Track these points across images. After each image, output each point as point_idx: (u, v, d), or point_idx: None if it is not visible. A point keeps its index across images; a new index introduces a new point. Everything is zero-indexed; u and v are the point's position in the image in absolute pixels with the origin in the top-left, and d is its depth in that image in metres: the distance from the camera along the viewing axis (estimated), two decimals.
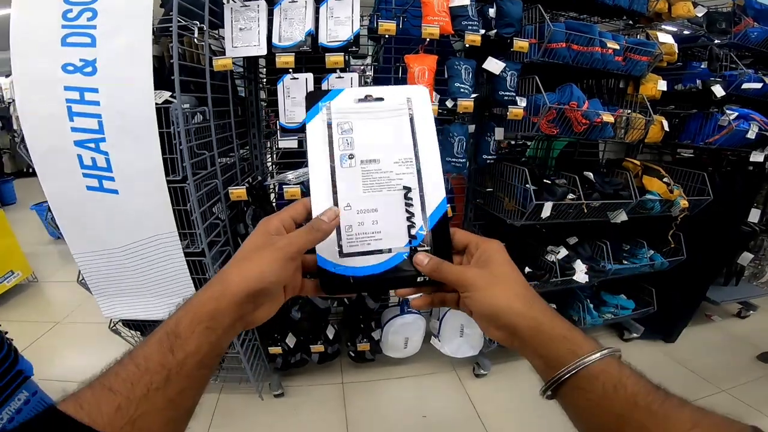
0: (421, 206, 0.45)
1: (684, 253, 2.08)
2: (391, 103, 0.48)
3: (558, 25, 1.57)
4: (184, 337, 0.37)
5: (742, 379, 2.19)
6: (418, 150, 0.47)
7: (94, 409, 0.32)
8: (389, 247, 0.44)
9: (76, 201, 1.41)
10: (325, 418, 1.96)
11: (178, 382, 0.36)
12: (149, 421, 0.34)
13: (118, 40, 1.27)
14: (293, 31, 1.56)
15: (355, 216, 0.45)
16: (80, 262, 1.52)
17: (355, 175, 0.45)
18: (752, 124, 1.87)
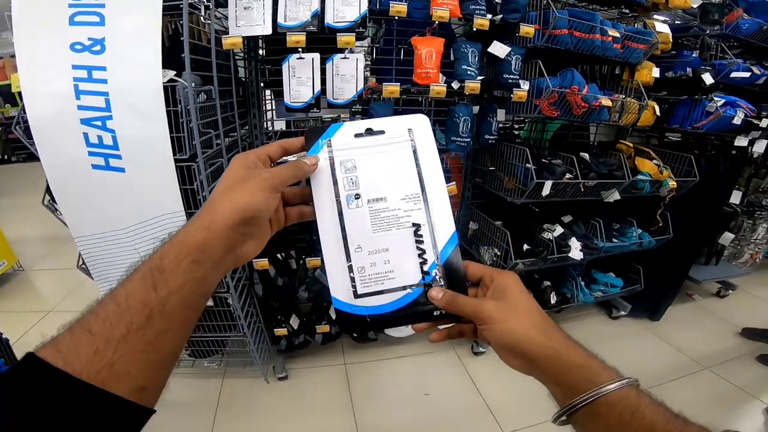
0: (432, 241, 0.45)
1: (670, 232, 2.19)
2: (392, 136, 0.47)
3: (561, 12, 1.61)
4: (168, 272, 0.35)
5: (723, 357, 2.32)
6: (424, 183, 0.46)
7: (72, 353, 0.31)
8: (402, 285, 0.44)
9: (80, 180, 1.39)
10: (330, 399, 2.00)
11: (161, 322, 0.34)
12: (128, 365, 0.32)
13: (128, 19, 1.26)
14: (299, 10, 1.54)
15: (366, 257, 0.44)
16: (82, 247, 1.50)
17: (363, 215, 0.45)
18: (738, 110, 1.98)
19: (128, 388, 0.32)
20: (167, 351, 0.35)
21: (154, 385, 0.35)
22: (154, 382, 0.35)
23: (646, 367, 2.24)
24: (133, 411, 0.33)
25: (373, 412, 1.92)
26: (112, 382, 0.31)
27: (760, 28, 1.96)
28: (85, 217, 1.46)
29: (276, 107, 2.06)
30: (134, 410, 0.33)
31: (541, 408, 1.84)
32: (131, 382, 0.32)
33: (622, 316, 2.60)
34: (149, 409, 0.34)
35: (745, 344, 2.45)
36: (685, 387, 2.13)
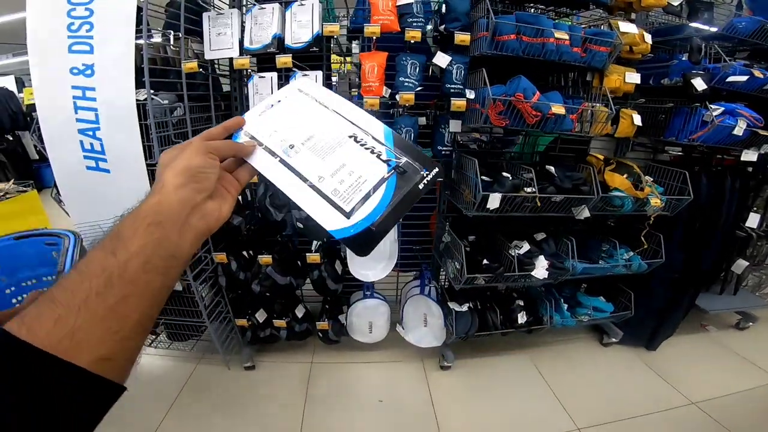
0: (373, 140, 0.50)
1: (663, 256, 1.97)
2: (291, 99, 0.55)
3: (507, 18, 1.60)
4: (126, 238, 0.35)
5: (719, 393, 2.04)
6: (336, 110, 0.53)
7: (35, 323, 0.31)
8: (377, 180, 0.47)
9: (78, 178, 1.72)
10: (286, 393, 2.09)
11: (121, 287, 0.34)
12: (88, 332, 0.31)
13: (110, 48, 1.55)
14: (262, 34, 1.76)
15: (331, 180, 0.47)
16: (81, 231, 1.83)
17: (306, 156, 0.49)
18: (739, 119, 1.73)
19: (90, 358, 0.31)
20: (131, 319, 0.34)
21: (120, 357, 0.34)
22: (118, 354, 0.34)
23: (624, 397, 2.06)
24: (96, 383, 0.32)
25: (323, 412, 1.98)
26: (74, 352, 0.30)
27: (761, 27, 1.71)
28: (82, 208, 1.79)
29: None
30: (98, 383, 0.32)
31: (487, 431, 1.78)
32: (93, 352, 0.32)
33: (614, 343, 2.36)
34: (117, 385, 0.33)
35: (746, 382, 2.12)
36: (666, 422, 1.92)
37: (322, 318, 2.20)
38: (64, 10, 1.53)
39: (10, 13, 5.58)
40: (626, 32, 1.66)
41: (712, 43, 1.79)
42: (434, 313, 2.15)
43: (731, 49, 2.03)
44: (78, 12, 1.52)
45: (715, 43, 1.81)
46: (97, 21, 1.53)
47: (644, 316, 2.22)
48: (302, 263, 2.09)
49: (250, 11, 1.75)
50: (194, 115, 1.80)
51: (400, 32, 1.66)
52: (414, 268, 2.41)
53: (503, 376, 2.23)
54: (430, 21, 1.80)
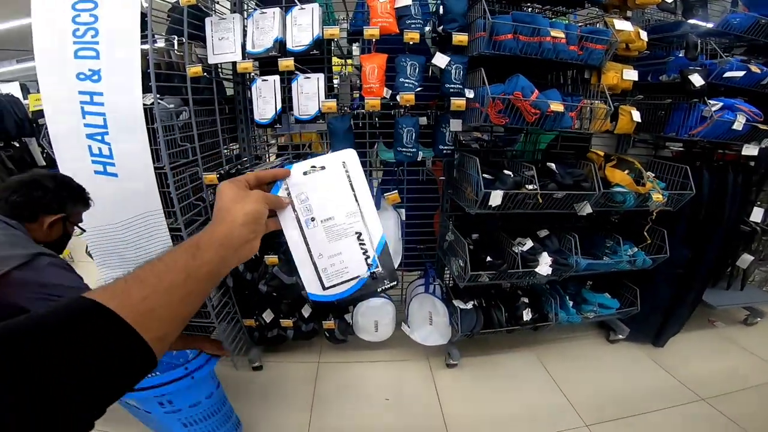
0: (369, 242, 0.61)
1: (667, 252, 1.97)
2: (332, 169, 0.62)
3: (504, 18, 1.62)
4: (203, 249, 0.46)
5: (729, 389, 2.02)
6: (359, 202, 0.61)
7: (125, 297, 0.38)
8: (355, 275, 0.61)
9: (86, 182, 1.72)
10: (294, 393, 2.10)
11: (192, 284, 0.43)
12: (161, 314, 0.40)
13: (116, 53, 1.58)
14: (264, 38, 1.79)
15: (326, 260, 0.60)
16: (87, 237, 1.86)
17: (319, 232, 0.60)
18: (738, 114, 1.74)
19: (155, 335, 0.38)
20: (189, 310, 0.44)
21: (170, 338, 0.42)
22: (171, 335, 0.42)
23: (633, 394, 2.06)
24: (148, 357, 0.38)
25: (330, 412, 1.99)
26: (148, 326, 0.38)
27: (756, 22, 1.72)
28: (90, 213, 1.82)
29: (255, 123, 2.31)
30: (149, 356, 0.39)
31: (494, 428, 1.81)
32: (158, 330, 0.39)
33: (620, 339, 2.36)
34: (156, 360, 0.40)
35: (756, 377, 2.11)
36: (675, 418, 1.91)
37: (328, 317, 2.21)
38: (69, 16, 1.55)
39: (14, 20, 5.59)
40: (622, 30, 1.68)
41: (708, 40, 1.80)
42: (439, 311, 2.16)
43: (728, 45, 2.05)
44: (83, 18, 1.55)
45: (711, 39, 1.83)
46: (103, 27, 1.56)
47: (650, 313, 2.22)
48: None
49: (252, 16, 1.79)
50: (199, 119, 1.83)
51: (399, 34, 1.69)
52: (418, 267, 2.43)
53: (510, 373, 2.23)
54: (428, 22, 1.82)
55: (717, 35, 1.86)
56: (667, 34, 1.95)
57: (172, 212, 1.80)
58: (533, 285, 2.38)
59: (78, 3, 1.56)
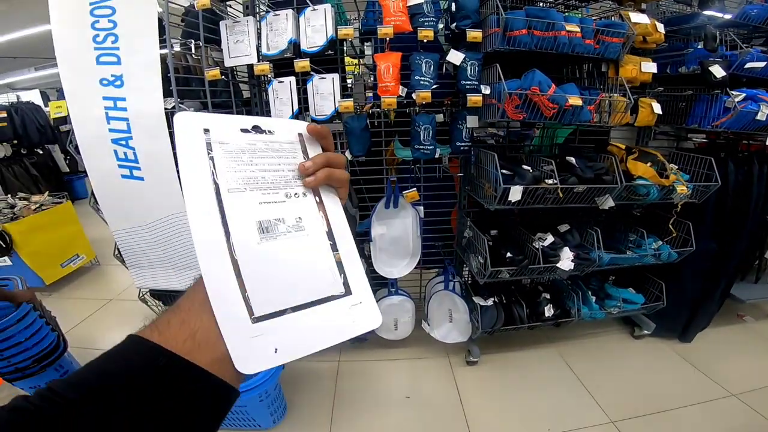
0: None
1: (693, 245, 1.92)
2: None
3: (518, 13, 1.61)
4: None
5: (760, 384, 1.97)
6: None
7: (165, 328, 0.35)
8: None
9: (114, 187, 1.80)
10: (315, 392, 2.12)
11: None
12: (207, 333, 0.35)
13: (137, 58, 1.62)
14: (278, 40, 1.81)
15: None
16: (117, 238, 1.91)
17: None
18: (762, 105, 1.69)
19: (210, 358, 0.34)
20: None
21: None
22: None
23: (659, 390, 2.01)
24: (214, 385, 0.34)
25: (351, 410, 2.00)
26: (196, 352, 0.34)
27: None
28: (118, 216, 1.88)
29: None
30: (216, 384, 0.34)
31: (516, 425, 1.80)
32: (212, 352, 0.34)
33: (646, 335, 2.31)
34: (232, 387, 0.36)
35: None
36: (705, 414, 1.87)
37: None
38: (88, 23, 1.59)
39: (30, 27, 5.62)
40: (638, 23, 1.65)
41: (727, 31, 1.76)
42: (459, 308, 2.15)
43: (747, 36, 1.99)
44: (102, 24, 1.59)
45: (729, 30, 1.78)
46: (121, 32, 1.60)
47: (677, 307, 2.17)
48: None
49: (265, 18, 1.81)
50: None
51: (413, 32, 1.69)
52: (437, 265, 2.42)
53: (531, 370, 2.20)
54: (441, 19, 1.82)
55: (735, 26, 1.82)
56: (684, 26, 1.91)
57: None
58: (554, 281, 2.35)
59: (96, 9, 1.60)
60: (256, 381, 1.65)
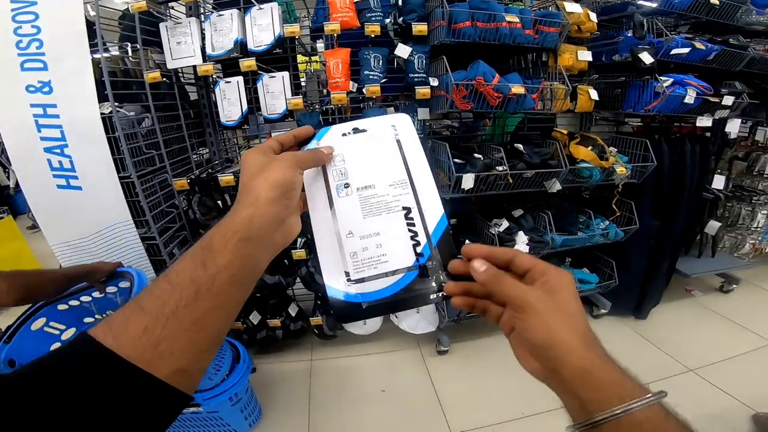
0: (422, 224, 0.45)
1: (636, 222, 2.05)
2: (377, 131, 0.49)
3: (461, 6, 1.65)
4: (216, 250, 0.35)
5: (715, 358, 2.09)
6: (410, 171, 0.47)
7: (122, 331, 0.31)
8: (396, 267, 0.44)
9: (49, 198, 1.69)
10: (289, 392, 2.09)
11: (208, 300, 0.34)
12: (172, 344, 0.32)
13: (65, 64, 1.54)
14: (223, 40, 1.77)
15: (358, 242, 0.44)
16: (57, 252, 1.80)
17: (353, 203, 0.46)
18: (689, 89, 1.83)
19: (169, 369, 0.32)
20: (211, 331, 0.35)
21: (194, 369, 0.34)
22: (194, 365, 0.34)
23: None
24: (170, 395, 0.32)
25: (328, 408, 1.99)
26: (155, 363, 0.31)
27: (696, 1, 1.81)
28: (56, 229, 1.76)
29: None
30: (171, 395, 0.32)
31: (491, 410, 1.82)
32: (173, 364, 0.32)
33: (603, 314, 2.43)
34: (186, 395, 0.34)
35: (740, 346, 2.18)
36: (667, 391, 1.94)
37: (315, 314, 2.21)
38: (10, 29, 1.51)
39: None
40: (572, 12, 1.74)
41: (654, 19, 1.88)
42: None
43: (674, 23, 2.14)
44: (25, 30, 1.51)
45: (657, 18, 1.91)
46: (46, 38, 1.52)
47: (628, 285, 2.28)
48: (289, 261, 2.10)
49: (209, 19, 1.77)
50: (164, 125, 1.80)
51: (360, 28, 1.70)
52: None
53: (500, 355, 2.24)
54: (390, 14, 1.84)
55: (661, 14, 1.95)
56: (616, 15, 2.03)
57: (144, 222, 1.76)
58: None
59: (18, 14, 1.52)
60: (225, 385, 1.61)
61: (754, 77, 2.18)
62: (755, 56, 2.02)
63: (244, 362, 1.71)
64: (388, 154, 0.48)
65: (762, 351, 2.17)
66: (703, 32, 2.08)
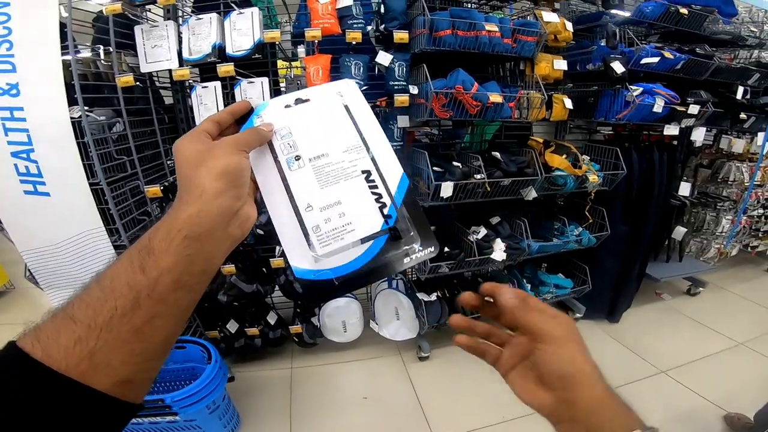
0: (383, 185, 0.44)
1: (608, 229, 2.11)
2: (322, 100, 0.47)
3: (442, 14, 1.68)
4: (158, 252, 0.32)
5: (685, 360, 2.17)
6: (362, 134, 0.46)
7: (52, 343, 0.29)
8: (365, 234, 0.42)
9: (16, 204, 1.62)
10: (270, 401, 2.06)
11: (149, 308, 0.31)
12: (110, 355, 0.29)
13: (34, 66, 1.49)
14: (201, 44, 1.74)
15: (319, 214, 0.42)
16: (26, 258, 1.73)
17: (307, 174, 0.43)
18: (657, 98, 1.91)
19: (110, 381, 0.29)
20: (157, 339, 0.32)
21: (141, 378, 0.32)
22: (139, 375, 0.32)
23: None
24: (114, 407, 0.30)
25: (310, 416, 1.97)
26: (92, 375, 0.29)
27: (666, 10, 1.90)
28: (24, 235, 1.69)
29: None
30: (115, 406, 0.30)
31: (473, 415, 1.82)
32: (113, 375, 0.30)
33: (579, 318, 2.50)
34: (133, 405, 0.32)
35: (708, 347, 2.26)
36: (635, 391, 2.01)
37: (294, 322, 2.18)
38: None
39: None
40: (549, 21, 1.79)
41: (626, 28, 1.96)
42: (405, 305, 2.19)
43: (644, 33, 2.23)
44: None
45: (628, 28, 1.99)
46: (17, 39, 1.47)
47: (601, 289, 2.36)
48: (267, 269, 2.07)
49: (187, 22, 1.73)
50: (136, 130, 1.75)
51: (342, 34, 1.70)
52: None
53: (481, 361, 2.27)
54: (372, 21, 1.85)
55: (633, 24, 2.03)
56: (591, 24, 2.10)
57: (114, 229, 1.71)
58: (492, 272, 2.47)
59: None
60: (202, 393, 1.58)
61: (719, 86, 2.29)
62: (720, 65, 2.12)
63: (217, 362, 1.67)
64: (338, 120, 0.46)
65: (729, 352, 2.27)
66: (671, 41, 2.17)
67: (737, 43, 2.37)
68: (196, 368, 1.74)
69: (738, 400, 1.86)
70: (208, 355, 1.71)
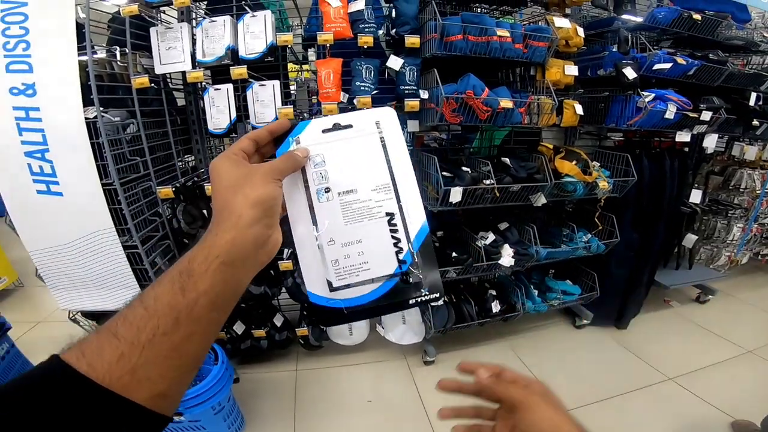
0: (404, 231, 0.45)
1: (618, 236, 2.10)
2: (360, 129, 0.47)
3: (454, 19, 1.68)
4: (197, 275, 0.34)
5: (693, 367, 2.15)
6: (393, 174, 0.46)
7: (96, 358, 0.31)
8: (378, 275, 0.44)
9: (28, 203, 1.64)
10: (275, 403, 2.06)
11: (187, 326, 0.33)
12: (150, 370, 0.32)
13: (51, 67, 1.50)
14: (215, 47, 1.75)
15: (340, 250, 0.44)
16: (35, 258, 1.75)
17: (334, 208, 0.44)
18: (669, 104, 1.90)
19: (148, 394, 0.32)
20: (191, 355, 0.35)
21: (175, 392, 0.35)
22: (174, 389, 0.34)
23: (603, 377, 2.13)
24: (150, 419, 0.33)
25: (314, 419, 1.96)
26: (133, 389, 0.31)
27: (679, 16, 1.89)
28: (35, 234, 1.71)
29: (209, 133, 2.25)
30: (151, 418, 0.33)
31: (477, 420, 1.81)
32: (152, 389, 0.32)
33: (586, 324, 2.48)
34: (166, 417, 0.34)
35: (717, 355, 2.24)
36: (643, 398, 2.00)
37: (301, 324, 2.19)
38: None
39: None
40: (561, 27, 1.79)
41: (638, 34, 1.95)
42: (411, 310, 2.19)
43: (656, 38, 2.21)
44: (13, 31, 1.47)
45: (640, 33, 1.97)
46: (34, 39, 1.49)
47: (609, 296, 2.34)
48: (275, 272, 2.07)
49: (201, 24, 1.75)
50: (149, 131, 1.77)
51: (353, 38, 1.71)
52: None
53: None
54: (383, 26, 1.86)
55: (645, 29, 2.02)
56: (602, 30, 2.09)
57: (125, 230, 1.72)
58: (499, 277, 2.46)
59: (7, 15, 1.48)
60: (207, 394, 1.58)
61: (731, 92, 2.26)
62: (733, 71, 2.10)
63: (223, 363, 1.68)
64: (371, 155, 0.46)
65: (738, 359, 2.24)
66: (684, 47, 2.16)
67: (750, 49, 2.35)
68: (203, 369, 1.75)
69: (746, 408, 1.84)
70: (215, 356, 1.72)
